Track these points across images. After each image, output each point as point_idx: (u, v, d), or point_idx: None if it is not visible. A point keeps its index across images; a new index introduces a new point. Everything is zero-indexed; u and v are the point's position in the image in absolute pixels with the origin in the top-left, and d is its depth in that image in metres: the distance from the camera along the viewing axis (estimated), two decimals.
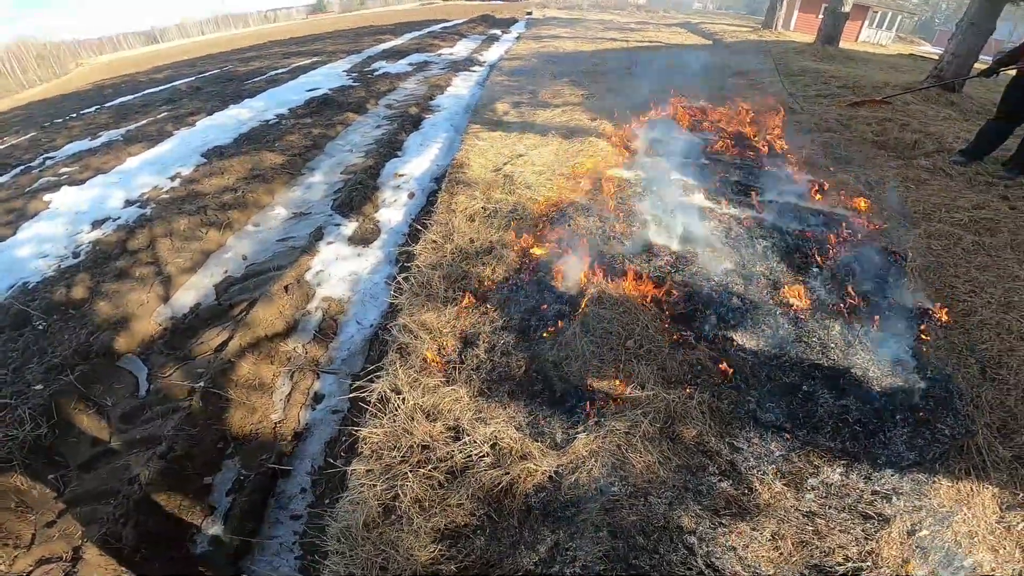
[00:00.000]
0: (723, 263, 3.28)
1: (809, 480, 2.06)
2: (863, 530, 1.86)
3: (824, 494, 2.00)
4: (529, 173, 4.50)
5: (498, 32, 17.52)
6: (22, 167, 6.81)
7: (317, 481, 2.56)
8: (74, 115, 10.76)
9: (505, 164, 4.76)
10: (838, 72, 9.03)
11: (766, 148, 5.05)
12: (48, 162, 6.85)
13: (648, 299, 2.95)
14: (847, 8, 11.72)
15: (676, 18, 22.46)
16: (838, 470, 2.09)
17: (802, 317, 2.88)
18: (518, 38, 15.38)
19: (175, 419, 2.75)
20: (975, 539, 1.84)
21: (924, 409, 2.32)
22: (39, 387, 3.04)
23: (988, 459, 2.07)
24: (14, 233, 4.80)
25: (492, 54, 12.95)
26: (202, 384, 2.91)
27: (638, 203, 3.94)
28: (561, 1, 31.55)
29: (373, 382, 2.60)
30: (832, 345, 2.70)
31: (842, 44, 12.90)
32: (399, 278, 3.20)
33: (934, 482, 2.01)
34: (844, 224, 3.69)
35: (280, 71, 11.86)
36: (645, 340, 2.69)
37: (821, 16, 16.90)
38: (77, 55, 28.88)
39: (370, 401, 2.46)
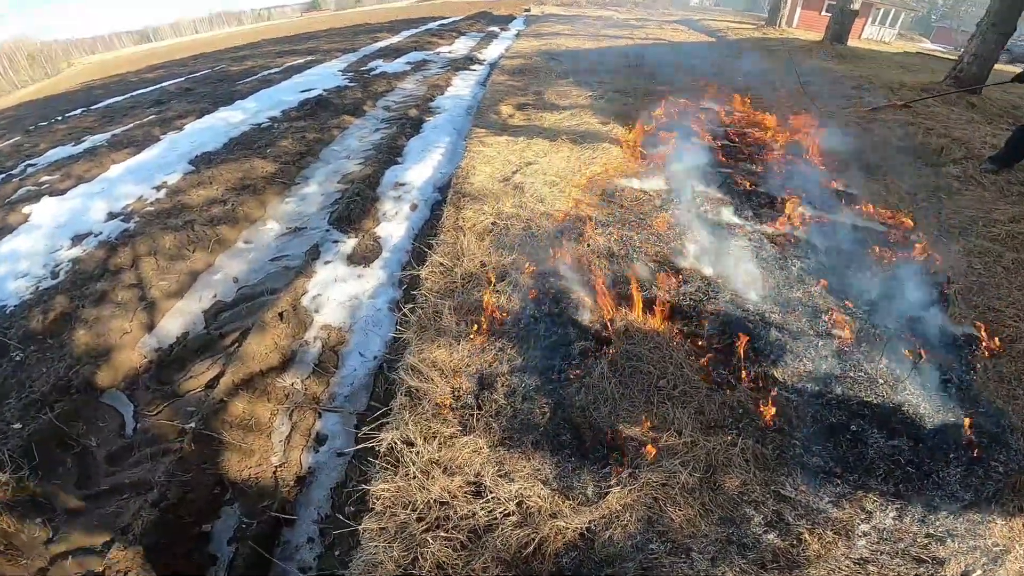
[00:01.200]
0: (757, 288, 3.02)
1: (861, 526, 1.93)
2: (916, 574, 1.77)
3: (876, 539, 1.88)
4: (540, 184, 4.21)
5: (497, 29, 17.17)
6: (3, 175, 6.46)
7: (325, 530, 2.34)
8: (59, 118, 10.39)
9: (514, 173, 4.46)
10: (850, 72, 8.78)
11: (792, 155, 4.78)
12: (30, 170, 6.51)
13: (680, 332, 2.69)
14: (856, 5, 11.45)
15: (676, 14, 22.15)
16: (891, 514, 1.96)
17: (846, 349, 2.65)
18: (518, 35, 15.05)
19: (166, 462, 2.53)
20: None
21: (977, 446, 2.18)
22: (17, 426, 2.79)
23: None
24: None
25: (492, 52, 12.62)
26: (193, 425, 2.66)
27: (660, 220, 3.66)
28: None
29: (381, 429, 2.35)
30: (880, 380, 2.49)
31: (848, 42, 12.62)
32: (405, 309, 2.91)
33: (988, 521, 1.91)
34: (882, 241, 3.44)
35: (273, 71, 11.50)
36: (679, 380, 2.45)
37: (826, 13, 16.66)
38: (69, 55, 28.39)
39: (379, 451, 2.22)
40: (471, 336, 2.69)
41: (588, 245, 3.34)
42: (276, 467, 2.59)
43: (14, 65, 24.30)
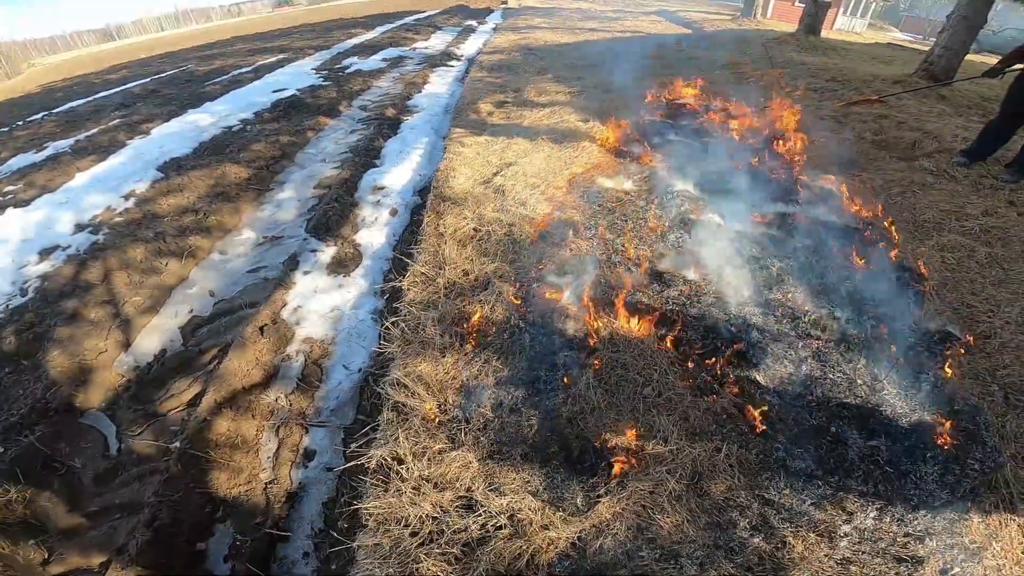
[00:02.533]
0: (739, 290, 3.04)
1: (842, 527, 1.97)
2: (897, 573, 1.82)
3: (858, 540, 1.93)
4: (521, 186, 4.18)
5: (474, 23, 16.97)
6: None
7: (320, 545, 2.33)
8: (20, 123, 9.95)
9: (495, 175, 4.42)
10: (824, 64, 8.90)
11: (771, 152, 4.83)
12: None
13: (663, 338, 2.70)
14: None
15: (652, 6, 22.17)
16: (871, 514, 2.01)
17: (825, 350, 2.69)
18: (495, 29, 14.90)
19: (154, 482, 2.50)
20: (1002, 573, 1.83)
21: (953, 444, 2.23)
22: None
23: (1015, 491, 2.04)
24: None
25: (469, 47, 12.47)
26: (178, 445, 2.60)
27: (642, 221, 3.67)
28: None
29: (370, 446, 2.33)
30: (859, 381, 2.54)
31: (821, 33, 12.80)
32: (388, 323, 2.86)
33: (965, 519, 1.97)
34: (858, 238, 3.50)
35: (244, 70, 11.18)
36: (664, 387, 2.48)
37: (799, 4, 16.83)
38: (28, 55, 27.13)
39: (369, 468, 2.21)
40: (455, 348, 2.67)
41: (571, 250, 3.32)
42: (266, 484, 2.56)
43: None
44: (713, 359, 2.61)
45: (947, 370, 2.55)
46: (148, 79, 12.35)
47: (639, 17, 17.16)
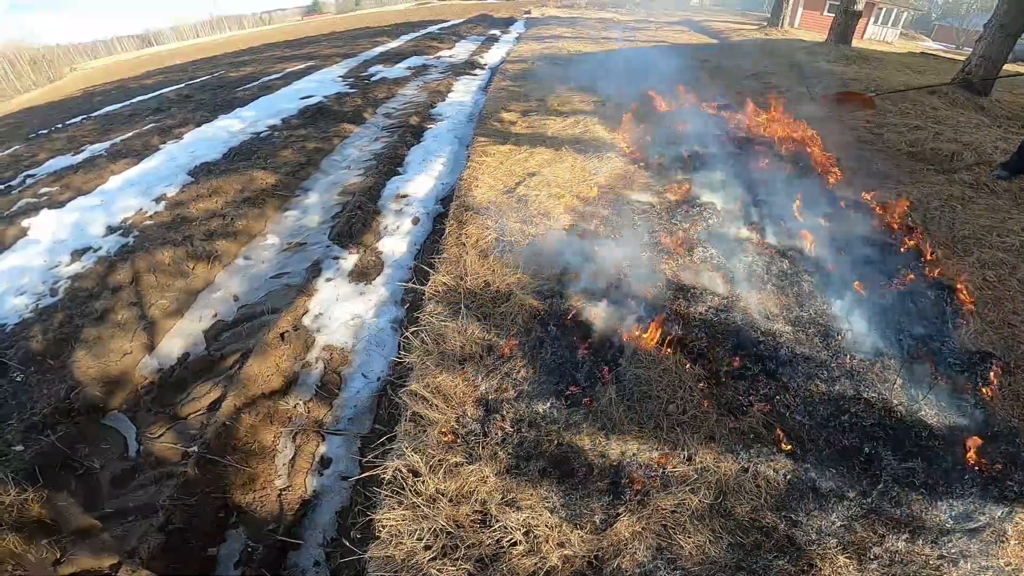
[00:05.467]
0: (768, 307, 2.95)
1: (873, 549, 1.89)
2: None
3: (888, 562, 1.85)
4: (545, 196, 4.13)
5: (497, 32, 17.12)
6: (2, 186, 6.42)
7: (331, 554, 2.31)
8: (59, 125, 10.36)
9: (518, 185, 4.39)
10: (856, 74, 8.69)
11: (801, 163, 4.69)
12: (28, 180, 6.47)
13: (689, 354, 2.62)
14: (860, 6, 11.35)
15: (676, 15, 22.06)
16: (904, 537, 1.93)
17: (859, 369, 2.57)
18: (518, 39, 14.99)
19: (170, 486, 2.51)
20: None
21: (991, 466, 2.15)
22: (19, 448, 2.76)
23: None
24: None
25: (493, 56, 12.56)
26: (196, 449, 2.63)
27: (667, 235, 3.59)
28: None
29: (386, 456, 2.30)
30: (894, 401, 2.43)
31: (852, 42, 12.52)
32: (408, 333, 2.84)
33: (1002, 541, 1.90)
34: (895, 253, 3.36)
35: (273, 77, 11.46)
36: (689, 405, 2.40)
37: (828, 14, 16.55)
38: (71, 59, 28.36)
39: (384, 479, 2.17)
40: (476, 360, 2.63)
41: (595, 262, 3.26)
42: (281, 491, 2.56)
43: (16, 70, 24.26)
44: (741, 377, 2.53)
45: (986, 391, 2.45)
46: (182, 84, 12.76)
47: (663, 27, 17.07)
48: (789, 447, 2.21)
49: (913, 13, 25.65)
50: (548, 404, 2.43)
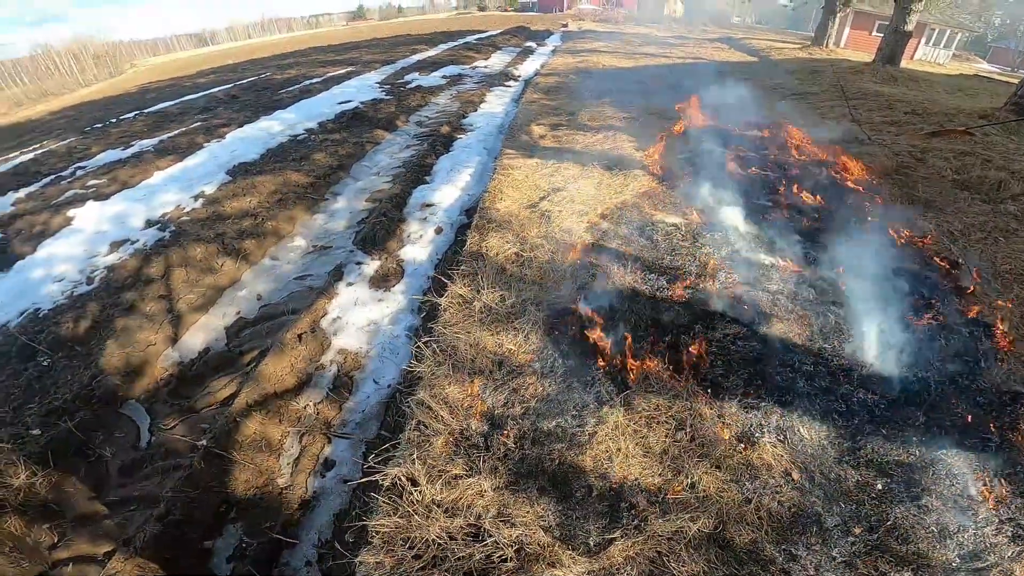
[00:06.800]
0: (791, 336, 2.83)
1: None
2: None
3: None
4: (568, 213, 4.10)
5: (533, 45, 17.26)
6: (53, 176, 6.79)
7: (324, 556, 2.33)
8: (114, 120, 10.93)
9: (542, 200, 4.38)
10: (903, 96, 8.37)
11: (837, 187, 4.52)
12: (79, 172, 6.82)
13: (703, 381, 2.55)
14: (910, 26, 10.95)
15: (716, 32, 21.80)
16: (906, 575, 1.85)
17: (881, 406, 2.47)
18: (554, 51, 15.07)
19: (175, 478, 2.56)
20: None
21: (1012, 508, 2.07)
22: (36, 432, 2.86)
23: None
24: (34, 251, 4.66)
25: (527, 68, 12.66)
26: (205, 443, 2.68)
27: (689, 257, 3.50)
28: (597, 14, 31.22)
29: (388, 463, 2.31)
30: (914, 439, 2.33)
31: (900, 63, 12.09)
32: (421, 342, 2.85)
33: None
34: (930, 286, 3.19)
35: (314, 80, 11.83)
36: (698, 432, 2.35)
37: (877, 34, 16.03)
38: (132, 56, 30.05)
39: (383, 485, 2.19)
40: (485, 374, 2.61)
41: (613, 283, 3.21)
42: (282, 489, 2.59)
43: (80, 64, 25.79)
44: (755, 408, 2.44)
45: (1017, 434, 2.32)
46: (230, 85, 13.30)
47: (702, 44, 16.88)
48: (799, 481, 2.16)
49: (968, 34, 24.56)
50: (554, 423, 2.40)
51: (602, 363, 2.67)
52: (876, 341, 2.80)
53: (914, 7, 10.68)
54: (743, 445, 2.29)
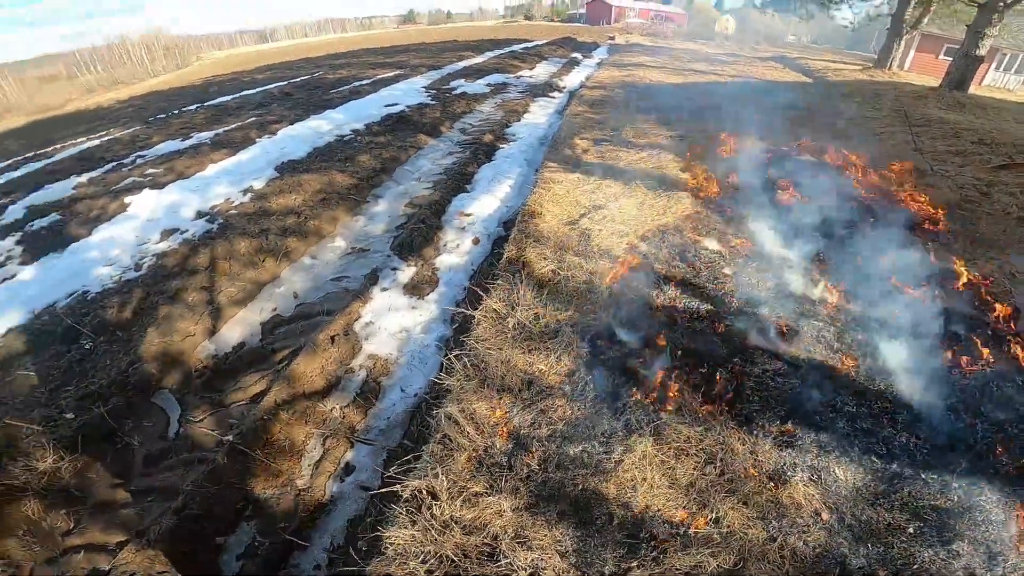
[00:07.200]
0: (834, 377, 2.67)
1: None
2: None
3: None
4: (608, 232, 4.01)
5: (579, 56, 17.22)
6: (115, 163, 7.17)
7: (334, 560, 2.32)
8: (176, 111, 11.50)
9: (582, 217, 4.30)
10: (970, 124, 7.87)
11: (892, 222, 4.26)
12: (139, 160, 7.18)
13: (737, 416, 2.43)
14: (983, 51, 10.34)
15: (769, 51, 21.23)
16: None
17: (924, 449, 2.34)
18: (600, 64, 14.99)
19: (198, 471, 2.61)
20: None
21: None
22: (70, 415, 2.94)
23: None
24: (89, 234, 4.91)
25: (572, 80, 12.62)
26: (231, 439, 2.71)
27: (731, 287, 3.36)
28: (645, 28, 30.97)
29: (408, 474, 2.28)
30: (954, 485, 2.21)
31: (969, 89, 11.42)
32: (452, 355, 2.82)
33: None
34: (984, 332, 2.95)
35: (364, 82, 12.13)
36: (728, 467, 2.26)
37: (944, 57, 15.23)
38: (199, 49, 31.82)
39: (402, 496, 2.17)
40: (514, 393, 2.56)
41: (651, 309, 3.10)
42: (300, 491, 2.60)
43: (151, 55, 27.43)
44: (789, 445, 2.33)
45: None
46: (285, 82, 13.81)
47: (754, 62, 16.45)
48: (828, 521, 2.06)
49: None
50: (580, 448, 2.34)
51: (634, 390, 2.58)
52: (924, 385, 2.63)
53: (988, 31, 10.08)
54: (773, 483, 2.19)
